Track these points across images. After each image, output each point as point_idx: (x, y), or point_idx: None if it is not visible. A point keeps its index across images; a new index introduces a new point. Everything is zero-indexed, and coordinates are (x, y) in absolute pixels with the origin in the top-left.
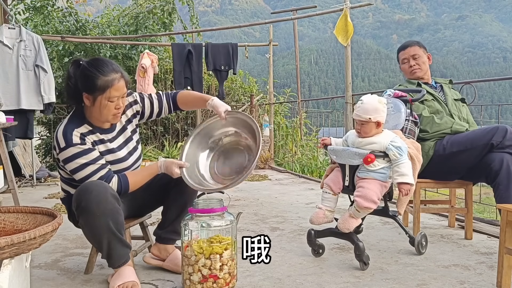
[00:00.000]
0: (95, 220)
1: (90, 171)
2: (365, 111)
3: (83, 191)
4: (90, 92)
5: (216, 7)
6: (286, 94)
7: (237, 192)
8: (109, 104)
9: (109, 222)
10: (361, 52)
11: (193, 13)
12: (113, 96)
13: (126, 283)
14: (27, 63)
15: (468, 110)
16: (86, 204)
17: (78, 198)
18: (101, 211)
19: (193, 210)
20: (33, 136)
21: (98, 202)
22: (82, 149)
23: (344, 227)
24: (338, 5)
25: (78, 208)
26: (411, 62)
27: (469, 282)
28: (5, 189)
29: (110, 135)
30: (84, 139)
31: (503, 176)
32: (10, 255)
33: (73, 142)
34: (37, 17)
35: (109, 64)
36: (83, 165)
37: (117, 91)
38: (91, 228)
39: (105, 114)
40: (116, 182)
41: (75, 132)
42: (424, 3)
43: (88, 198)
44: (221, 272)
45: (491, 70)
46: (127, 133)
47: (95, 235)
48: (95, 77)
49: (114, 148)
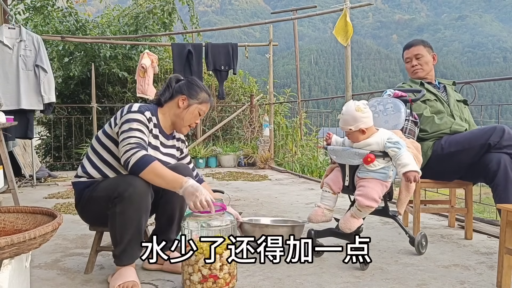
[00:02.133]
0: (133, 212)
1: (135, 135)
2: (345, 123)
3: (128, 182)
4: (191, 97)
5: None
6: (286, 94)
7: (237, 192)
8: (196, 114)
9: (142, 219)
10: (361, 52)
11: (193, 13)
12: (203, 110)
13: (127, 282)
14: (27, 63)
15: (469, 112)
16: (130, 194)
17: (123, 186)
18: (141, 206)
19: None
20: (33, 136)
21: (141, 197)
22: (144, 121)
23: (346, 227)
24: (338, 5)
25: (120, 196)
26: (413, 62)
27: (469, 282)
28: (5, 189)
29: (164, 140)
30: (150, 121)
31: (501, 177)
32: (10, 255)
33: (144, 113)
34: (37, 17)
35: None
36: (135, 129)
37: (206, 108)
38: (125, 219)
39: (186, 120)
40: (138, 156)
41: (148, 113)
42: (424, 3)
43: (134, 189)
44: (221, 272)
45: (491, 70)
46: (173, 152)
47: (124, 226)
48: (202, 90)
49: (160, 148)
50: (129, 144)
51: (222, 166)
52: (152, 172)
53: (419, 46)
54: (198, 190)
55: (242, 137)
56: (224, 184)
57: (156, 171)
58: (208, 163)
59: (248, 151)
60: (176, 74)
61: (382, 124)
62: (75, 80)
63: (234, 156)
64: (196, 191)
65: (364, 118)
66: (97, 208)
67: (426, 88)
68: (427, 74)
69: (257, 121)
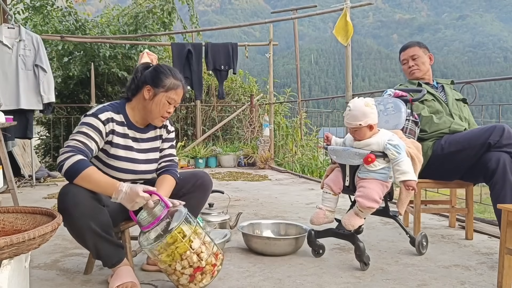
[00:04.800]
0: (74, 221)
1: (77, 138)
2: (354, 118)
3: (61, 193)
4: (155, 86)
5: (216, 7)
6: (286, 94)
7: (237, 192)
8: (166, 104)
9: (90, 223)
10: (361, 52)
11: (193, 13)
12: (172, 98)
13: (126, 283)
14: (26, 63)
15: (469, 110)
16: (64, 206)
17: (58, 199)
18: (80, 213)
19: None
20: (32, 136)
21: (75, 204)
22: (96, 124)
23: (349, 223)
24: (338, 5)
25: (59, 210)
26: (410, 63)
27: (470, 282)
28: (5, 189)
29: (140, 134)
30: (107, 122)
31: (499, 175)
32: (9, 255)
33: (98, 116)
34: (37, 16)
35: (179, 73)
36: (81, 133)
37: (177, 95)
38: (73, 230)
39: (156, 112)
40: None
41: (107, 113)
42: (425, 3)
43: (65, 199)
44: (202, 261)
45: (491, 70)
46: (156, 144)
47: (78, 237)
48: (166, 76)
49: (134, 147)
50: (67, 147)
51: (222, 166)
52: (86, 178)
53: (415, 47)
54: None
55: (242, 137)
56: (224, 184)
57: (90, 178)
58: (208, 163)
59: (248, 151)
60: (145, 62)
61: (383, 124)
62: (74, 80)
63: (234, 156)
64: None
65: (373, 114)
66: None
67: (424, 88)
68: (424, 74)
69: (257, 121)
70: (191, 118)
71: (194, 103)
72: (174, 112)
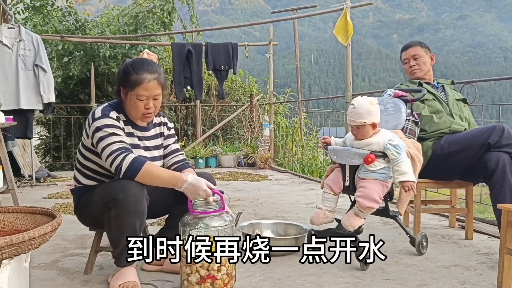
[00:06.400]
0: (127, 216)
1: (113, 140)
2: (358, 116)
3: (121, 186)
4: (124, 86)
5: (216, 7)
6: (286, 94)
7: (237, 192)
8: (137, 101)
9: (137, 222)
10: (361, 52)
11: (193, 13)
12: (141, 94)
13: (127, 283)
14: (26, 63)
15: (469, 110)
16: (124, 198)
17: (116, 191)
18: (135, 210)
19: (192, 210)
20: (32, 136)
21: (135, 201)
22: (113, 123)
23: (349, 224)
24: (338, 5)
25: (113, 201)
26: (411, 63)
27: (470, 282)
28: (5, 189)
29: (142, 133)
30: (118, 120)
31: (499, 175)
32: (9, 255)
33: (109, 115)
34: (37, 16)
35: (147, 65)
36: (110, 134)
37: (145, 90)
38: (120, 223)
39: (135, 112)
40: (129, 161)
41: (113, 112)
42: (425, 3)
43: (127, 194)
44: (219, 273)
45: (491, 69)
46: (158, 142)
47: (120, 230)
48: (130, 73)
49: (140, 145)
50: (112, 153)
51: (222, 166)
52: (147, 174)
53: (416, 47)
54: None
55: (242, 137)
56: (224, 184)
57: (151, 173)
58: (208, 163)
59: (248, 151)
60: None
61: (383, 124)
62: (74, 80)
63: (234, 156)
64: (198, 191)
65: (377, 113)
66: (94, 213)
67: (425, 88)
68: (425, 74)
69: (257, 121)
70: (191, 118)
71: (194, 103)
72: (174, 112)
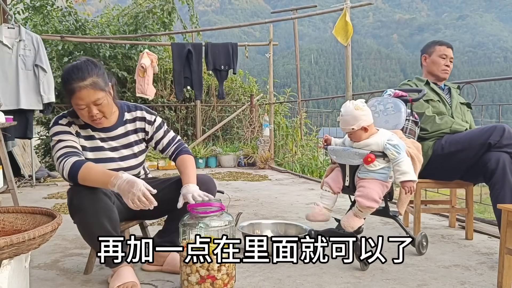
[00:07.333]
0: (90, 218)
1: (58, 147)
2: (346, 123)
3: (75, 191)
4: (66, 95)
5: (216, 7)
6: (286, 94)
7: (237, 192)
8: (79, 110)
9: (104, 222)
10: (361, 52)
11: (193, 13)
12: (77, 103)
13: (126, 283)
14: (26, 63)
15: (471, 116)
16: (79, 202)
17: (71, 197)
18: (95, 210)
19: (192, 210)
20: (32, 136)
21: (91, 200)
22: (62, 129)
23: (348, 225)
24: (338, 5)
25: (71, 206)
26: (448, 62)
27: (470, 282)
28: (5, 189)
29: (105, 134)
30: (70, 125)
31: (499, 175)
32: (9, 255)
33: (59, 122)
34: (37, 16)
35: (76, 72)
36: (57, 142)
37: (80, 99)
38: (86, 227)
39: (83, 118)
40: (68, 166)
41: (65, 119)
42: (425, 3)
43: (81, 196)
44: (219, 273)
45: (491, 70)
46: (129, 139)
47: (91, 233)
48: (64, 83)
49: (105, 147)
50: (57, 159)
51: (222, 166)
52: (86, 176)
53: (452, 51)
54: (134, 185)
55: (242, 137)
56: (224, 184)
57: (89, 174)
58: (208, 163)
59: (248, 151)
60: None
61: (383, 124)
62: None
63: (234, 156)
64: (132, 187)
65: (364, 116)
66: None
67: (432, 88)
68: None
69: (257, 121)
70: (191, 118)
71: (194, 103)
72: (174, 112)
